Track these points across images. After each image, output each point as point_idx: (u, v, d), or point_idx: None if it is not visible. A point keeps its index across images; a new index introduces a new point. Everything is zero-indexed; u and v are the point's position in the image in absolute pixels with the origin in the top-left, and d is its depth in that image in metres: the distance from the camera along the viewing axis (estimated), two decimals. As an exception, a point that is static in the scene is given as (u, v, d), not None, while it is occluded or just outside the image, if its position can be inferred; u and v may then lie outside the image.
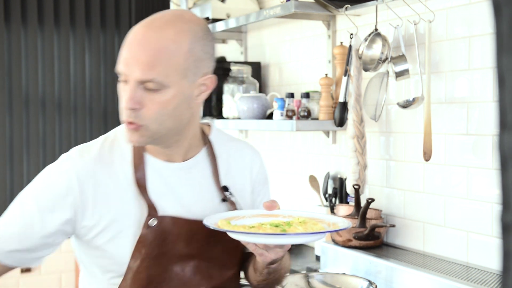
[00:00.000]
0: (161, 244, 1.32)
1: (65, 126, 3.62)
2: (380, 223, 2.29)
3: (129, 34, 1.27)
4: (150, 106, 1.25)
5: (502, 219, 0.46)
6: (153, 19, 1.29)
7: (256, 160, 1.52)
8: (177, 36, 1.25)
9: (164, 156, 1.37)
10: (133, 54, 1.24)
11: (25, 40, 3.50)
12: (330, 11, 2.48)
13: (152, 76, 1.23)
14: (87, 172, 1.32)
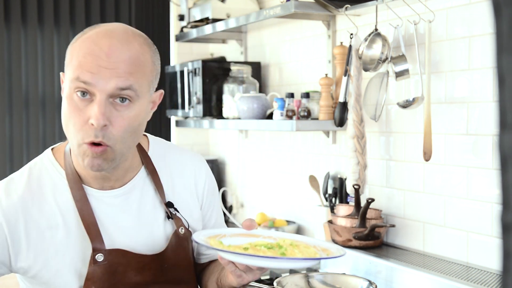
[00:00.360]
0: (111, 277, 1.26)
1: (65, 126, 3.62)
2: (380, 223, 2.29)
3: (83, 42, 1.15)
4: (119, 122, 1.15)
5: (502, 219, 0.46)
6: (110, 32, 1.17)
7: (201, 171, 1.43)
8: (141, 48, 1.19)
9: (98, 184, 1.28)
10: (104, 63, 1.13)
11: (25, 40, 3.50)
12: (330, 11, 2.48)
13: (130, 83, 1.14)
14: (15, 212, 1.24)
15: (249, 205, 3.30)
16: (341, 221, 2.31)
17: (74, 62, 1.16)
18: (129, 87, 1.15)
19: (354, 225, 2.27)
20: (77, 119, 1.15)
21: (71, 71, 1.16)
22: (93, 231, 1.25)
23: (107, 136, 1.14)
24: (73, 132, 1.16)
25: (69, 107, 1.17)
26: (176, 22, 3.62)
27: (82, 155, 1.16)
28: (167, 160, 1.39)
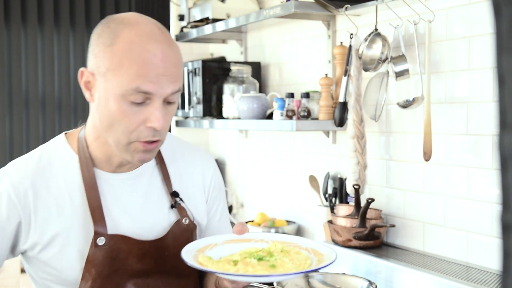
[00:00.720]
0: (111, 262, 1.28)
1: (65, 126, 3.62)
2: (380, 223, 2.29)
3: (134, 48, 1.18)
4: (167, 119, 1.23)
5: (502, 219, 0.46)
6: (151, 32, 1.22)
7: (209, 167, 1.47)
8: (177, 47, 1.28)
9: (111, 167, 1.32)
10: (161, 72, 1.19)
11: (25, 40, 3.50)
12: (330, 11, 2.48)
13: (179, 86, 1.24)
14: (25, 188, 1.28)
15: (249, 205, 3.30)
16: (341, 221, 2.31)
17: (127, 70, 1.17)
18: (179, 90, 1.24)
19: (354, 225, 2.27)
20: (131, 121, 1.20)
21: (126, 80, 1.17)
22: (97, 214, 1.28)
23: (160, 134, 1.23)
24: (124, 132, 1.21)
25: (120, 109, 1.19)
26: (176, 22, 3.62)
27: (132, 151, 1.23)
28: (176, 154, 1.44)
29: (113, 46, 1.20)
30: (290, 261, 1.19)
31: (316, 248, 1.27)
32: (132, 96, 1.18)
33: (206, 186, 1.46)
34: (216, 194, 1.49)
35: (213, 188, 1.48)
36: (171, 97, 1.22)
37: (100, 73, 1.23)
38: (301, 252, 1.25)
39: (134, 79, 1.17)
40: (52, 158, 1.34)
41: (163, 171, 1.38)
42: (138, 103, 1.19)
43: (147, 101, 1.20)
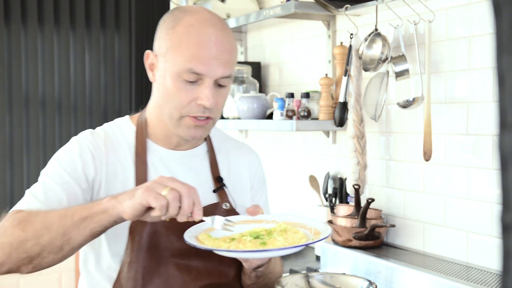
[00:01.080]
0: (152, 236, 1.32)
1: (65, 126, 3.62)
2: (380, 223, 2.29)
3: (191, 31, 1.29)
4: (219, 100, 1.34)
5: (502, 219, 0.46)
6: (208, 18, 1.33)
7: (255, 159, 1.56)
8: (232, 35, 1.38)
9: (168, 144, 1.42)
10: (214, 54, 1.29)
11: (25, 40, 3.50)
12: (330, 11, 2.48)
13: (230, 72, 1.33)
14: (99, 148, 1.37)
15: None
16: (341, 221, 2.31)
17: (184, 51, 1.29)
18: (229, 75, 1.34)
19: (354, 225, 2.27)
20: (184, 97, 1.30)
21: (182, 60, 1.29)
22: None
23: (211, 112, 1.33)
24: (176, 107, 1.32)
25: (175, 86, 1.31)
26: (176, 22, 3.62)
27: (184, 127, 1.33)
28: (226, 144, 1.53)
29: (174, 29, 1.32)
30: (284, 240, 1.22)
31: (317, 228, 1.30)
32: (186, 75, 1.29)
33: (251, 176, 1.54)
34: (260, 186, 1.56)
35: (258, 179, 1.55)
36: (222, 80, 1.32)
37: (161, 53, 1.34)
38: (300, 231, 1.27)
39: (189, 60, 1.29)
40: (115, 131, 1.43)
41: (212, 157, 1.47)
42: (191, 81, 1.30)
43: (199, 81, 1.30)
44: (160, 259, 1.34)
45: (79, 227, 1.19)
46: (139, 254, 1.32)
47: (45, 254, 1.20)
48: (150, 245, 1.33)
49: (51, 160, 1.40)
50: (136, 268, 1.32)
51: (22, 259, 1.20)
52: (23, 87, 3.50)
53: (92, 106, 3.69)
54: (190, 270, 1.36)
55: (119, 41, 3.75)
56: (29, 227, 1.20)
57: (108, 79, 3.72)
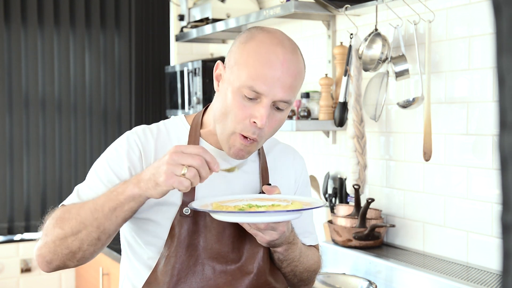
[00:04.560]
0: (192, 234, 1.35)
1: (65, 126, 3.62)
2: (380, 223, 2.29)
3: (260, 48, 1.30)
4: (272, 124, 1.32)
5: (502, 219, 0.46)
6: (281, 40, 1.33)
7: (301, 163, 1.57)
8: (302, 59, 1.38)
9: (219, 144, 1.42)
10: (278, 75, 1.28)
11: (25, 40, 3.50)
12: (330, 11, 2.48)
13: (290, 98, 1.31)
14: (148, 144, 1.39)
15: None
16: (341, 221, 2.31)
17: (249, 67, 1.29)
18: (289, 101, 1.32)
19: (354, 225, 2.27)
20: (240, 113, 1.30)
21: (245, 75, 1.29)
22: None
23: (260, 134, 1.31)
24: (231, 121, 1.31)
25: (234, 101, 1.31)
26: (176, 22, 3.62)
27: (231, 143, 1.33)
28: (275, 149, 1.53)
29: (246, 44, 1.33)
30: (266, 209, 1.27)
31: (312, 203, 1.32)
32: (246, 91, 1.29)
33: (296, 179, 1.54)
34: (304, 189, 1.56)
35: (302, 182, 1.56)
36: (281, 104, 1.30)
37: (229, 66, 1.35)
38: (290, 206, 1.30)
39: (252, 78, 1.28)
40: (169, 128, 1.44)
41: (263, 161, 1.48)
42: (250, 98, 1.29)
43: (258, 99, 1.29)
44: (197, 258, 1.36)
45: (111, 218, 1.24)
46: (177, 250, 1.35)
47: (85, 247, 1.27)
48: (189, 243, 1.36)
49: (102, 155, 1.43)
50: (173, 263, 1.35)
51: (65, 254, 1.28)
52: (23, 87, 3.50)
53: (92, 106, 3.69)
54: (226, 274, 1.38)
55: (119, 41, 3.75)
56: (66, 225, 1.27)
57: (108, 79, 3.72)
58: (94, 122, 3.70)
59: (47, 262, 1.30)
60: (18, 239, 3.59)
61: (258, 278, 1.41)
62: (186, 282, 1.35)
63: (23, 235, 3.59)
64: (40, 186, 3.55)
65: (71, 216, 1.28)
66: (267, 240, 1.32)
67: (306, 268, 1.48)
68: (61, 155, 3.61)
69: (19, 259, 3.58)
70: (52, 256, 1.29)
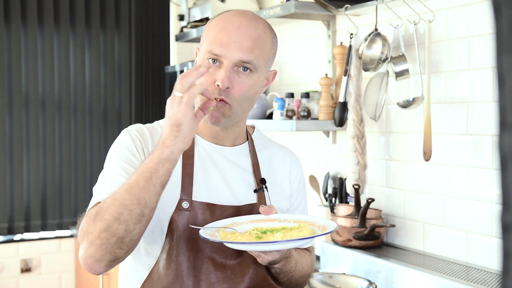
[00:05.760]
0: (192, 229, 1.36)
1: (65, 126, 3.62)
2: (380, 223, 2.29)
3: (219, 20, 1.37)
4: (239, 87, 1.35)
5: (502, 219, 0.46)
6: (241, 11, 1.40)
7: (297, 162, 1.59)
8: (266, 29, 1.40)
9: (213, 139, 1.46)
10: (234, 38, 1.34)
11: (25, 40, 3.50)
12: (330, 11, 2.48)
13: (250, 58, 1.35)
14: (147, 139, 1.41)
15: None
16: (341, 221, 2.31)
17: (209, 37, 1.37)
18: (250, 62, 1.35)
19: (354, 225, 2.27)
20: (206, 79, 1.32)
21: (206, 44, 1.37)
22: (186, 181, 1.39)
23: (228, 96, 1.34)
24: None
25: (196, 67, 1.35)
26: (176, 22, 3.62)
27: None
28: (268, 149, 1.55)
29: (211, 21, 1.41)
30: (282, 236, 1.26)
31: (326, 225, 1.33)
32: (207, 55, 1.35)
33: (292, 177, 1.56)
34: (300, 189, 1.58)
35: (298, 181, 1.57)
36: (242, 65, 1.35)
37: (200, 45, 1.43)
38: (307, 229, 1.30)
39: (210, 43, 1.35)
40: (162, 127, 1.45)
41: (254, 157, 1.50)
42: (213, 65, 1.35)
43: (221, 64, 1.35)
44: (197, 252, 1.38)
45: (149, 188, 1.24)
46: (178, 243, 1.36)
47: (131, 227, 1.25)
48: (189, 237, 1.37)
49: (108, 156, 1.43)
50: (175, 256, 1.36)
51: (114, 243, 1.25)
52: (23, 87, 3.50)
53: (92, 106, 3.69)
54: (225, 268, 1.39)
55: (119, 41, 3.74)
56: (106, 214, 1.26)
57: (108, 79, 3.72)
58: (94, 122, 3.70)
59: (97, 260, 1.25)
60: (18, 239, 3.59)
61: (257, 273, 1.42)
62: (188, 276, 1.36)
63: (23, 235, 3.60)
64: (40, 186, 3.55)
65: (107, 205, 1.26)
66: (269, 260, 1.33)
67: (301, 275, 1.50)
68: (61, 155, 3.61)
69: (19, 259, 3.58)
70: (101, 252, 1.25)
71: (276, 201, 1.50)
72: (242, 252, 1.40)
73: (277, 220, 1.37)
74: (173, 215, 1.37)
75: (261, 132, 1.59)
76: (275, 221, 1.36)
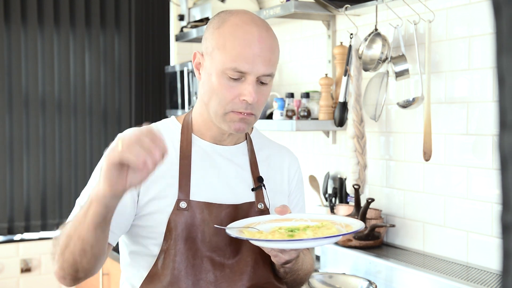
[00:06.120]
0: (190, 228, 1.37)
1: (65, 126, 3.62)
2: (380, 223, 2.29)
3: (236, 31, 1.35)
4: (260, 98, 1.39)
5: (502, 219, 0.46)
6: (252, 18, 1.39)
7: (294, 163, 1.60)
8: (275, 35, 1.43)
9: (212, 139, 1.46)
10: (257, 52, 1.35)
11: (25, 40, 3.50)
12: (330, 11, 2.48)
13: (271, 71, 1.38)
14: None
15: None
16: (341, 221, 2.31)
17: (229, 50, 1.35)
18: (270, 75, 1.38)
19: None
20: (228, 94, 1.36)
21: (227, 59, 1.35)
22: (184, 181, 1.40)
23: (253, 108, 1.38)
24: (221, 103, 1.37)
25: (219, 83, 1.37)
26: (176, 22, 3.62)
27: (229, 122, 1.38)
28: (267, 147, 1.57)
29: (220, 29, 1.38)
30: (313, 234, 1.28)
31: (349, 223, 1.35)
32: (230, 72, 1.35)
33: (290, 177, 1.57)
34: (299, 187, 1.59)
35: (296, 180, 1.58)
36: (264, 78, 1.37)
37: (207, 53, 1.40)
38: (333, 227, 1.32)
39: (234, 59, 1.34)
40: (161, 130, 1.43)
41: (252, 156, 1.51)
42: (235, 79, 1.35)
43: (242, 78, 1.36)
44: (196, 251, 1.38)
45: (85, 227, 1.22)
46: (176, 243, 1.37)
47: (77, 259, 1.26)
48: (187, 236, 1.38)
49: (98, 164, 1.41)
50: (173, 256, 1.37)
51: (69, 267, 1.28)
52: (23, 87, 3.50)
53: (92, 106, 3.69)
54: (224, 267, 1.40)
55: (119, 41, 3.74)
56: (60, 239, 1.29)
57: (108, 79, 3.72)
58: (94, 122, 3.70)
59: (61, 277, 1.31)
60: (18, 239, 3.59)
61: (255, 271, 1.43)
62: (186, 275, 1.36)
63: (23, 235, 3.59)
64: (40, 186, 3.55)
65: (63, 230, 1.29)
66: (286, 260, 1.34)
67: (305, 273, 1.52)
68: (61, 155, 3.61)
69: (19, 259, 3.58)
70: (61, 272, 1.29)
71: (275, 199, 1.51)
72: (240, 251, 1.41)
73: (293, 220, 1.39)
74: (171, 215, 1.37)
75: (259, 132, 1.60)
76: (291, 221, 1.38)
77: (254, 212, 1.45)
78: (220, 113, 1.38)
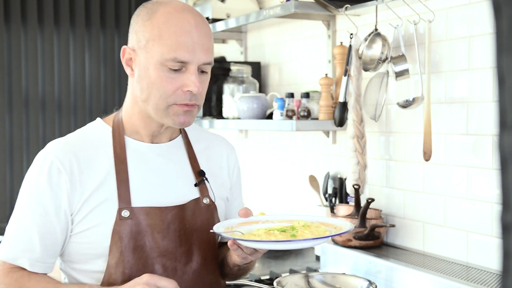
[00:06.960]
0: (137, 236, 1.32)
1: (65, 126, 3.62)
2: (380, 223, 2.29)
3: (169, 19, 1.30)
4: (203, 87, 1.34)
5: (502, 219, 0.46)
6: (184, 5, 1.35)
7: (233, 152, 1.57)
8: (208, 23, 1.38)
9: (146, 137, 1.40)
10: (196, 40, 1.30)
11: (25, 40, 3.50)
12: (330, 11, 2.48)
13: (211, 59, 1.34)
14: (70, 159, 1.32)
15: (249, 205, 3.30)
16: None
17: (166, 40, 1.29)
18: (210, 63, 1.34)
19: (354, 225, 2.27)
20: (169, 86, 1.30)
21: (165, 49, 1.28)
22: (123, 188, 1.33)
23: (197, 99, 1.33)
24: (162, 97, 1.30)
25: (159, 76, 1.30)
26: (176, 22, 3.62)
27: (173, 115, 1.32)
28: (203, 137, 1.52)
29: (152, 20, 1.33)
30: (310, 233, 1.28)
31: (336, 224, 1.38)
32: (170, 63, 1.29)
33: (230, 169, 1.54)
34: (238, 179, 1.57)
35: (237, 172, 1.56)
36: (204, 66, 1.32)
37: (140, 46, 1.33)
38: (321, 226, 1.34)
39: (173, 49, 1.28)
40: (88, 136, 1.39)
41: (190, 149, 1.46)
42: (175, 70, 1.29)
43: (183, 68, 1.30)
44: (146, 259, 1.33)
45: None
46: (124, 256, 1.31)
47: None
48: (134, 246, 1.32)
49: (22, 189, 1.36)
50: (122, 270, 1.31)
51: None
52: (23, 87, 3.50)
53: (92, 106, 3.69)
54: (176, 270, 1.36)
55: (119, 41, 3.74)
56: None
57: (108, 79, 3.72)
58: (94, 122, 3.70)
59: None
60: (18, 239, 3.59)
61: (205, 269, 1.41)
62: None
63: (23, 235, 3.59)
64: (40, 186, 3.55)
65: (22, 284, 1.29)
66: (250, 260, 1.33)
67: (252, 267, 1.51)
68: (61, 155, 3.61)
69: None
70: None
71: (218, 193, 1.47)
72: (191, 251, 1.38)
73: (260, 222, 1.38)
74: (114, 226, 1.30)
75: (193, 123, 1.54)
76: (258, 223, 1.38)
77: (200, 208, 1.41)
78: (162, 107, 1.31)
